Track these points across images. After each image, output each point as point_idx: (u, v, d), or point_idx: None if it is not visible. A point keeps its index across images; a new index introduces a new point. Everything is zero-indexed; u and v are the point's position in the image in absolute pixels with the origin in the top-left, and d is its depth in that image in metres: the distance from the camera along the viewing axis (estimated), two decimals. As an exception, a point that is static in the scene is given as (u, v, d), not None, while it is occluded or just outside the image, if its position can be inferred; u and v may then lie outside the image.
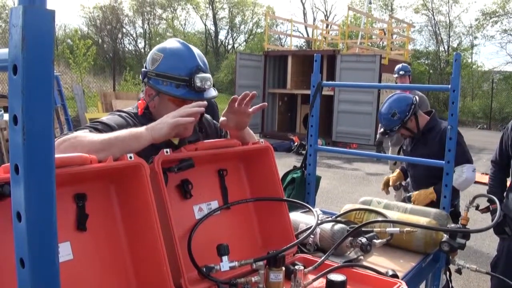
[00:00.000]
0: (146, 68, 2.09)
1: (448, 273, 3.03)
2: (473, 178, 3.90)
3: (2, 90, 14.84)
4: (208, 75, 2.05)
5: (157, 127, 1.73)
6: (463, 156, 3.81)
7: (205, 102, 1.91)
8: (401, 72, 7.62)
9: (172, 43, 2.12)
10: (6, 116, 6.94)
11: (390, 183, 4.55)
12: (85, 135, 1.71)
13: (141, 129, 1.74)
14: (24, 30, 0.74)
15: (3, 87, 15.47)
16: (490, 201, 3.37)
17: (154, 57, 2.06)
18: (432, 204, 3.67)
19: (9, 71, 0.76)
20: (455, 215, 3.59)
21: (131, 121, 2.06)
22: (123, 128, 1.93)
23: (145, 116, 2.11)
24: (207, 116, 2.42)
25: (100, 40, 42.19)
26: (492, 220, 2.89)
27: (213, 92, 2.08)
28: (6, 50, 0.79)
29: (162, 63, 2.03)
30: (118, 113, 2.12)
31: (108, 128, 1.92)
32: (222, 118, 2.06)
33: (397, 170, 4.64)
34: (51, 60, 0.78)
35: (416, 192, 3.93)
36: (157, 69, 2.03)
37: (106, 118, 2.05)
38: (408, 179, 4.52)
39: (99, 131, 1.87)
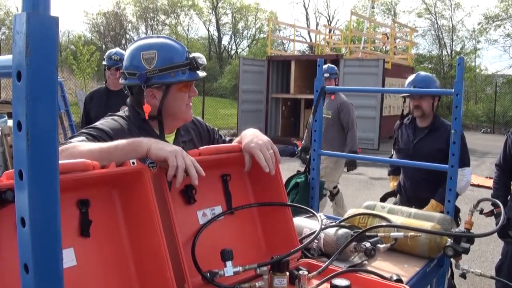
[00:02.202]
0: (139, 71, 2.05)
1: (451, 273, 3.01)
2: (470, 180, 3.91)
3: (6, 96, 14.89)
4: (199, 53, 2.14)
5: (160, 144, 1.68)
6: (465, 158, 3.79)
7: (204, 174, 1.73)
8: (326, 75, 6.74)
9: (153, 40, 2.15)
10: (10, 122, 6.95)
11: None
12: (84, 144, 1.72)
13: (144, 139, 1.70)
14: (28, 37, 0.74)
15: (7, 93, 15.53)
16: (494, 204, 3.36)
17: (146, 56, 2.05)
18: None
19: (13, 77, 0.77)
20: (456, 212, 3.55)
21: (125, 124, 2.09)
22: (118, 132, 1.97)
23: (138, 119, 2.13)
24: (198, 118, 2.46)
25: (103, 46, 42.35)
26: (496, 224, 2.88)
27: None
28: (10, 57, 0.79)
29: (160, 59, 2.04)
30: (111, 117, 2.13)
31: (103, 133, 1.95)
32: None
33: (391, 178, 4.61)
34: (55, 66, 0.78)
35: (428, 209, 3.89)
36: (158, 65, 2.03)
37: (100, 123, 2.06)
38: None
39: (94, 137, 1.89)
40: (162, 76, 2.04)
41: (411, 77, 4.11)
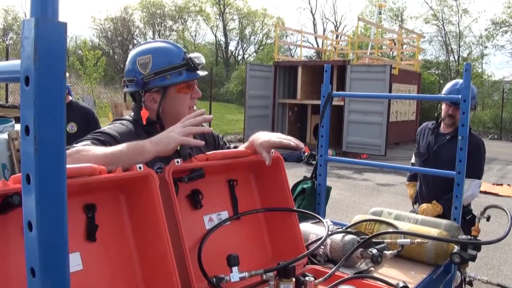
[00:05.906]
0: (136, 77, 2.06)
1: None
2: (477, 194, 3.85)
3: (13, 100, 14.96)
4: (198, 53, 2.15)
5: (163, 142, 1.71)
6: (478, 171, 3.76)
7: (204, 110, 1.96)
8: None
9: (148, 45, 2.16)
10: (17, 126, 6.98)
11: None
12: (89, 148, 1.70)
13: (146, 143, 1.71)
14: (36, 42, 0.74)
15: (14, 97, 15.60)
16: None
17: (142, 62, 2.06)
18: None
19: (21, 82, 0.77)
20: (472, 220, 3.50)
21: (133, 127, 2.08)
22: (125, 136, 1.95)
23: (148, 123, 2.12)
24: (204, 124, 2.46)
25: (111, 51, 42.54)
26: None
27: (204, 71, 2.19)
28: (18, 62, 0.79)
29: (154, 62, 2.04)
30: (120, 121, 2.13)
31: (110, 138, 1.93)
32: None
33: (409, 184, 4.54)
34: (63, 71, 0.78)
35: (422, 207, 3.86)
36: (153, 69, 2.04)
37: (108, 127, 2.04)
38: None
39: (102, 142, 1.87)
40: (158, 79, 2.04)
41: (454, 82, 4.05)
